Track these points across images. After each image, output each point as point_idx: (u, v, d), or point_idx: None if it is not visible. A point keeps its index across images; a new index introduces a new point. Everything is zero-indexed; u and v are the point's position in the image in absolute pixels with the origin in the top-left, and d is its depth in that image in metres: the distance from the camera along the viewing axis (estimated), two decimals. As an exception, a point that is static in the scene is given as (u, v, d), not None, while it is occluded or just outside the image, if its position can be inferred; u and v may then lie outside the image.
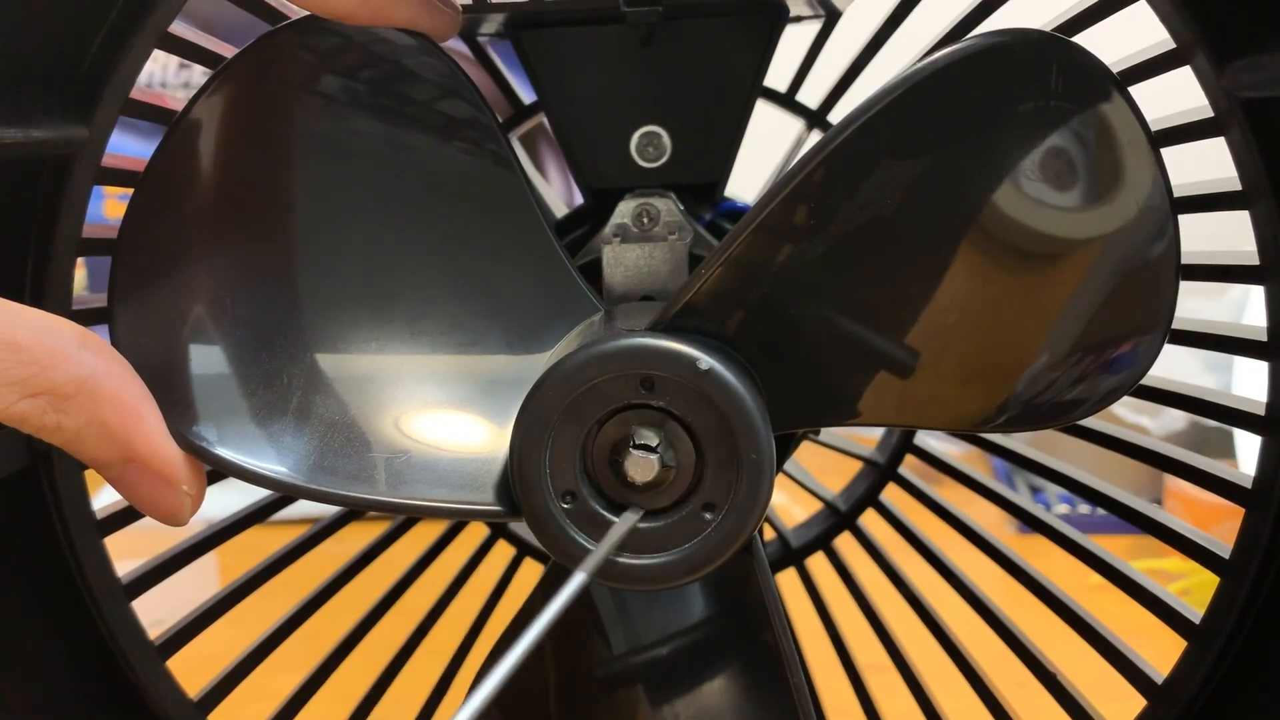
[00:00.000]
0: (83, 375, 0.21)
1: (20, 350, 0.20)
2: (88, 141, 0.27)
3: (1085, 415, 0.23)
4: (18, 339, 0.20)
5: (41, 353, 0.20)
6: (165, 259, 0.25)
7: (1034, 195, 0.22)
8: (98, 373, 0.21)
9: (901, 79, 0.22)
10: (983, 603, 0.34)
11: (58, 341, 0.21)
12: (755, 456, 0.22)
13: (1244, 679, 0.27)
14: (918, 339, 0.23)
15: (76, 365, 0.21)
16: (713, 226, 0.34)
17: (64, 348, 0.21)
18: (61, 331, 0.21)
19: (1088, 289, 0.22)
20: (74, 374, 0.21)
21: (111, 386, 0.22)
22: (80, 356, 0.21)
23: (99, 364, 0.21)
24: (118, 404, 0.22)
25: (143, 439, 0.22)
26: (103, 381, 0.21)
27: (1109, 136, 0.22)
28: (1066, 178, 0.22)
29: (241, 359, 0.25)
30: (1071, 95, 0.21)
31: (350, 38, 0.25)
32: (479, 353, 0.26)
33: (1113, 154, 0.22)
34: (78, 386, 0.21)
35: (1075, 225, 0.22)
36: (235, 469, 0.24)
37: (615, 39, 0.31)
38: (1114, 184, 0.22)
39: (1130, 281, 0.22)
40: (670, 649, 0.27)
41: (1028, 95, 0.22)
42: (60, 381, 0.21)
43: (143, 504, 0.23)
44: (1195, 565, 0.28)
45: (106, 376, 0.21)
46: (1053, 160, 0.22)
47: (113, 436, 0.22)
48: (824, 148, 0.22)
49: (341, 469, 0.24)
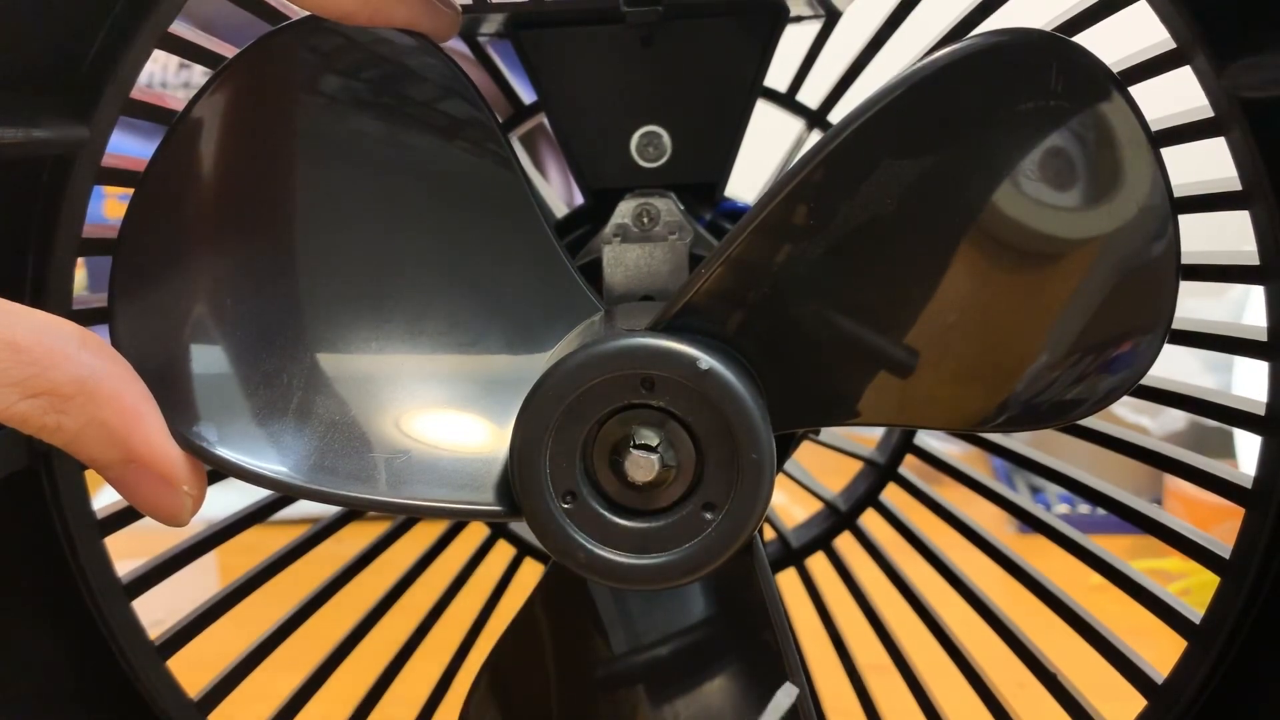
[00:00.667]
0: (83, 376, 0.21)
1: (20, 351, 0.20)
2: (88, 141, 0.27)
3: (1085, 415, 0.23)
4: (18, 339, 0.20)
5: (41, 353, 0.20)
6: (165, 259, 0.25)
7: (1034, 195, 0.22)
8: (98, 373, 0.21)
9: (901, 78, 0.22)
10: (983, 603, 0.34)
11: (58, 342, 0.21)
12: (755, 456, 0.22)
13: (1244, 679, 0.27)
14: (918, 339, 0.23)
15: (76, 366, 0.21)
16: (713, 226, 0.34)
17: (64, 348, 0.21)
18: (61, 332, 0.21)
19: (1087, 288, 0.22)
20: (74, 374, 0.21)
21: (111, 387, 0.21)
22: (80, 357, 0.21)
23: (99, 364, 0.21)
24: (118, 404, 0.22)
25: (143, 439, 0.22)
26: (103, 382, 0.21)
27: (1108, 136, 0.22)
28: (1066, 177, 0.22)
29: (242, 359, 0.25)
30: (1071, 95, 0.21)
31: (352, 38, 0.25)
32: (479, 353, 0.26)
33: (1112, 153, 0.22)
34: (78, 387, 0.21)
35: (1075, 225, 0.22)
36: (235, 469, 0.24)
37: (615, 39, 0.31)
38: (1113, 183, 0.22)
39: (1130, 281, 0.22)
40: (670, 648, 0.27)
41: (1027, 95, 0.22)
42: (60, 382, 0.21)
43: (143, 505, 0.23)
44: (1195, 565, 0.28)
45: (106, 377, 0.21)
46: (1052, 160, 0.22)
47: (113, 437, 0.22)
48: (824, 147, 0.22)
49: (342, 469, 0.24)
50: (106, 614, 0.29)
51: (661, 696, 0.27)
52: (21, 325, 0.20)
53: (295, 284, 0.25)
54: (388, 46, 0.25)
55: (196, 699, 0.31)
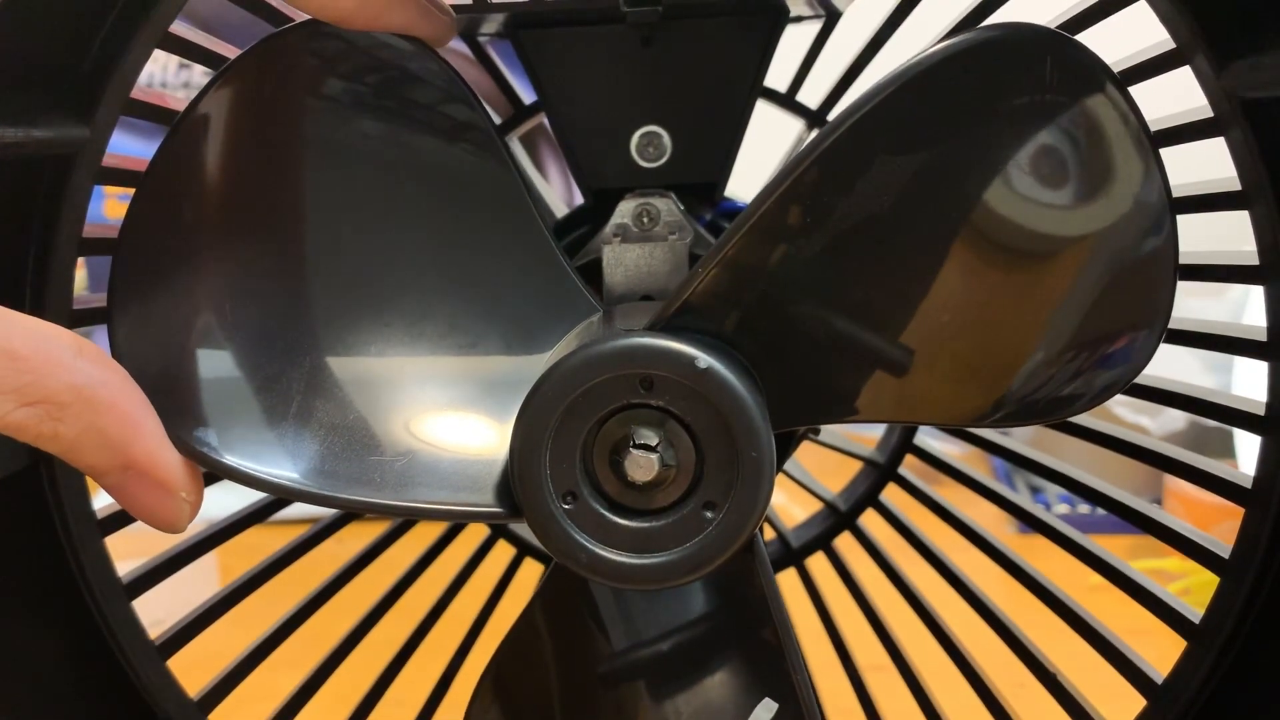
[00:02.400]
0: (79, 383, 0.21)
1: (17, 359, 0.20)
2: (88, 141, 0.27)
3: (1081, 410, 0.23)
4: (15, 347, 0.20)
5: (39, 361, 0.20)
6: (165, 262, 0.25)
7: (1028, 190, 0.22)
8: (94, 381, 0.21)
9: (895, 75, 0.22)
10: (983, 603, 0.34)
11: (55, 350, 0.21)
12: (755, 455, 0.22)
13: (1244, 679, 0.27)
14: (914, 336, 0.23)
15: (73, 373, 0.21)
16: (713, 226, 0.34)
17: (61, 356, 0.21)
18: (59, 340, 0.21)
19: (1083, 284, 0.22)
20: (70, 382, 0.21)
21: (109, 394, 0.21)
22: (77, 365, 0.21)
23: (96, 372, 0.21)
24: (115, 412, 0.22)
25: (141, 446, 0.22)
26: (99, 390, 0.21)
27: (1102, 131, 0.22)
28: (1061, 172, 0.22)
29: (241, 363, 0.25)
30: (1066, 89, 0.21)
31: (352, 41, 0.25)
32: (479, 354, 0.26)
33: (1107, 148, 0.22)
34: (74, 395, 0.21)
35: (1070, 220, 0.22)
36: (235, 474, 0.24)
37: (615, 39, 0.31)
38: (1108, 179, 0.22)
39: (1125, 276, 0.22)
40: (671, 645, 0.27)
41: (1022, 90, 0.21)
42: (56, 390, 0.20)
43: (141, 511, 0.23)
44: (1195, 565, 0.28)
45: (103, 385, 0.21)
46: (1047, 154, 0.22)
47: (110, 444, 0.22)
48: (819, 144, 0.22)
49: (343, 472, 0.24)
50: (106, 614, 0.29)
51: (663, 694, 0.27)
52: (19, 333, 0.20)
53: (295, 287, 0.25)
54: (388, 50, 0.25)
55: (197, 699, 0.31)
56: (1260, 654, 0.27)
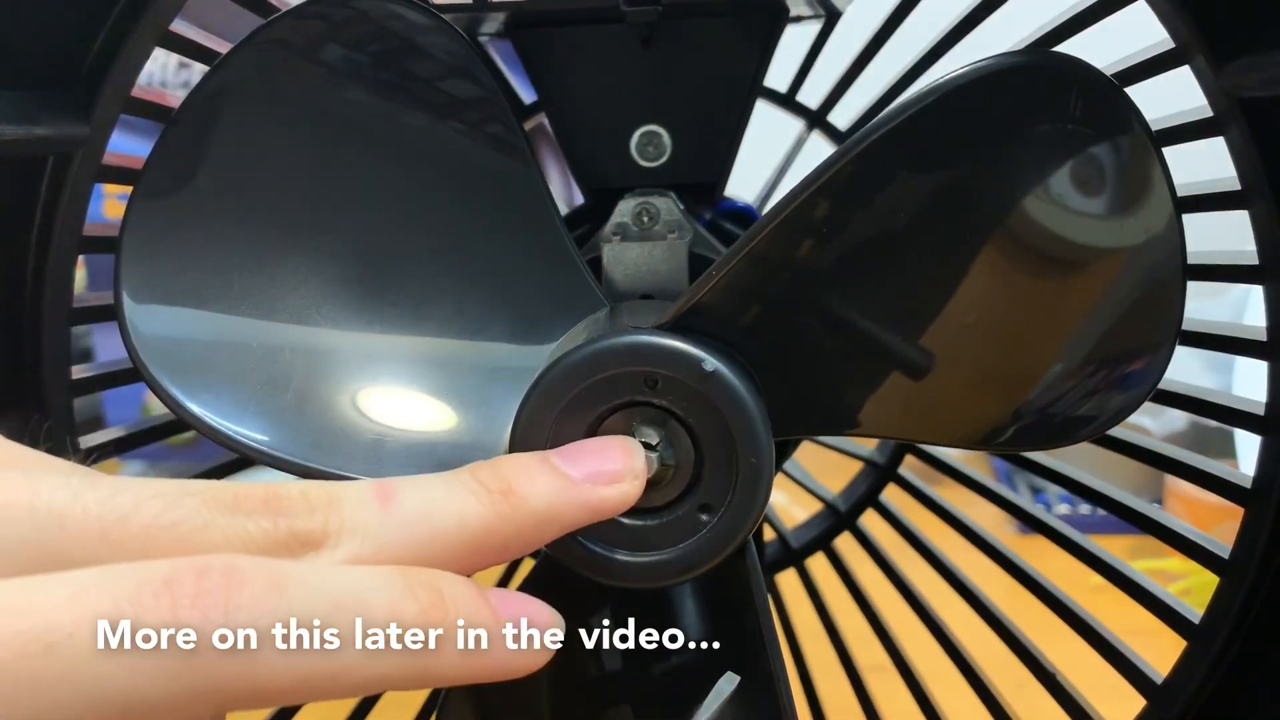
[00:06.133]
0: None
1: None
2: (88, 139, 0.27)
3: (1094, 434, 0.24)
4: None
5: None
6: (172, 237, 0.24)
7: (1046, 216, 0.22)
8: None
9: (921, 94, 0.21)
10: (983, 603, 0.34)
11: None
12: (754, 461, 0.22)
13: (1244, 679, 0.27)
14: (925, 354, 0.23)
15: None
16: (712, 226, 0.34)
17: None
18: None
19: (1095, 312, 0.23)
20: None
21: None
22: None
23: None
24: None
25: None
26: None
27: (1124, 163, 0.22)
28: (1079, 199, 0.22)
29: (245, 336, 0.24)
30: (1089, 120, 0.21)
31: (365, 12, 0.25)
32: (483, 340, 0.26)
33: (1126, 179, 0.22)
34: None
35: (1085, 248, 0.22)
36: (234, 443, 0.24)
37: (615, 39, 0.31)
38: (1127, 207, 0.22)
39: (1140, 302, 0.22)
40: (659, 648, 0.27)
41: (1046, 116, 0.22)
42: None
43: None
44: (1195, 565, 0.28)
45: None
46: (1067, 182, 0.22)
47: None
48: (844, 156, 0.22)
49: (340, 450, 0.24)
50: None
51: (647, 695, 0.27)
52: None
53: (303, 263, 0.25)
54: (400, 23, 0.25)
55: (196, 698, 0.31)
56: (1260, 654, 0.27)
